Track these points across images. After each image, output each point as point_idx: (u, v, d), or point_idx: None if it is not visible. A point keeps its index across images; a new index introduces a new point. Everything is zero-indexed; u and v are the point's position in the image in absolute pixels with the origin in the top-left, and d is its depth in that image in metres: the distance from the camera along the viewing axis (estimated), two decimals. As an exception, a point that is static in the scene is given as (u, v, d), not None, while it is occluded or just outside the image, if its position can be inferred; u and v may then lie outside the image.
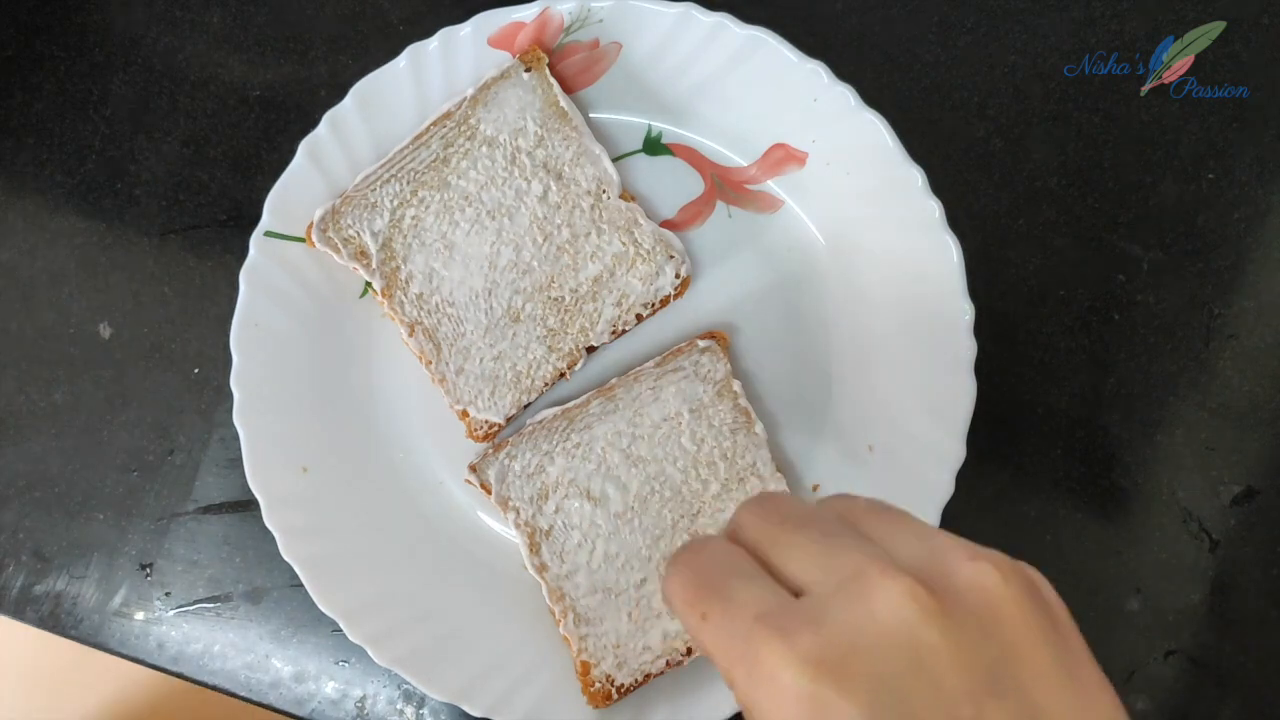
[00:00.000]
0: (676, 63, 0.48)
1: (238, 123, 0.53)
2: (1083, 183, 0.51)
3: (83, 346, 0.52)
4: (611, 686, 0.45)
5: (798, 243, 0.49)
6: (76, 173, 0.53)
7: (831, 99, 0.46)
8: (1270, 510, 0.49)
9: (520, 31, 0.47)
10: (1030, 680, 0.23)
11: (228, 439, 0.51)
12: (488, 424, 0.47)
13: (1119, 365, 0.50)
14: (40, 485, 0.51)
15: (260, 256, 0.46)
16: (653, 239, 0.48)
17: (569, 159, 0.48)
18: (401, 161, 0.47)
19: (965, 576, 0.24)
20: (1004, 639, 0.23)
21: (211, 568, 0.50)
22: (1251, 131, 0.51)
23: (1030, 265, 0.51)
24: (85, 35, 0.54)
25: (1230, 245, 0.51)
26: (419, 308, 0.47)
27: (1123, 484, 0.50)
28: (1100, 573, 0.49)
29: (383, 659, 0.44)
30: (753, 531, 0.27)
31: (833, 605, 0.23)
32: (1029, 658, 0.23)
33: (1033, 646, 0.23)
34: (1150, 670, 0.49)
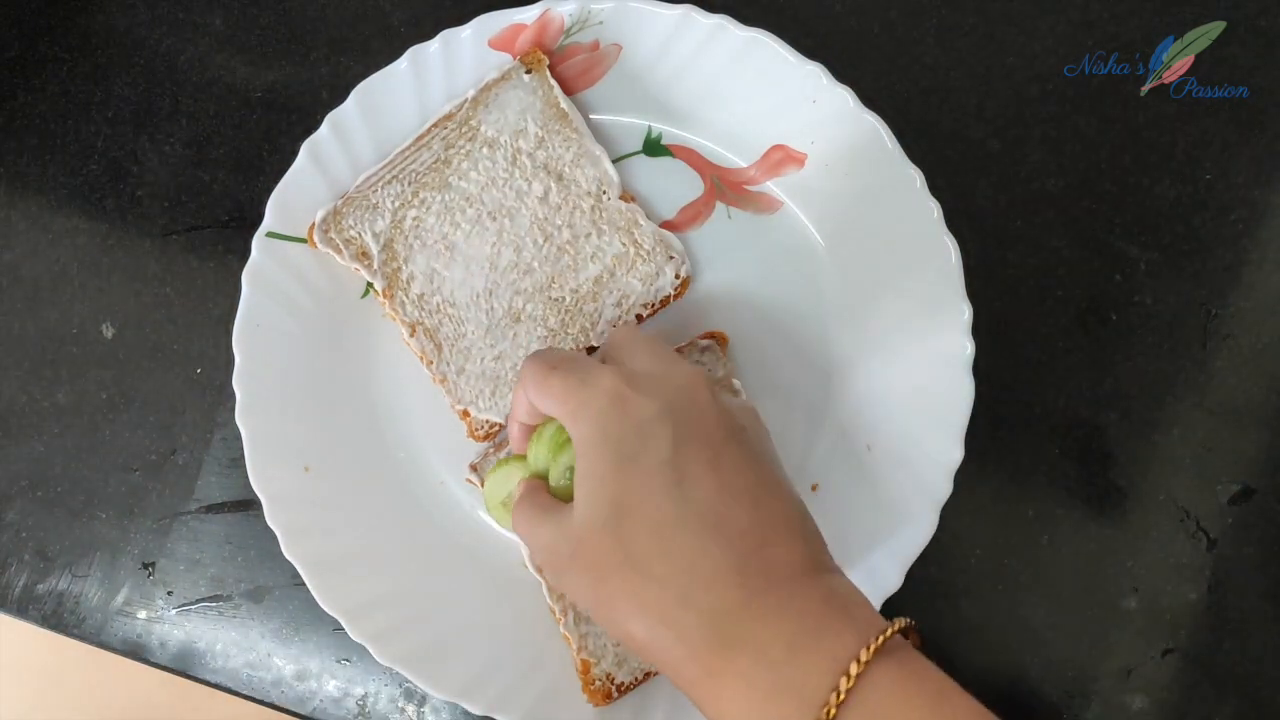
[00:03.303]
0: (677, 64, 0.48)
1: (240, 124, 0.53)
2: (1080, 183, 0.51)
3: (85, 346, 0.52)
4: (612, 685, 0.45)
5: (797, 243, 0.49)
6: (79, 173, 0.53)
7: (831, 100, 0.46)
8: (1267, 509, 0.49)
9: (521, 33, 0.48)
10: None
11: (230, 439, 0.51)
12: (488, 424, 0.47)
13: (1116, 365, 0.50)
14: (43, 485, 0.52)
15: (262, 257, 0.46)
16: (653, 240, 0.48)
17: (569, 160, 0.48)
18: (403, 163, 0.47)
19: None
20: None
21: (213, 567, 0.51)
22: (1249, 132, 0.52)
23: (1028, 266, 0.51)
24: (88, 37, 0.54)
25: (1228, 246, 0.51)
26: (420, 308, 0.47)
27: (1120, 483, 0.50)
28: (1097, 572, 0.49)
29: (384, 657, 0.44)
30: (614, 338, 0.40)
31: (650, 369, 0.36)
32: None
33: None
34: (1148, 669, 0.49)
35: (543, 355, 0.38)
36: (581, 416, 0.35)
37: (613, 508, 0.33)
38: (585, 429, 0.34)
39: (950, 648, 0.49)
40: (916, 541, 0.46)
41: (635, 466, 0.33)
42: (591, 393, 0.35)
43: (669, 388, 0.35)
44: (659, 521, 0.33)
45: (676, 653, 0.32)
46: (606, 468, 0.34)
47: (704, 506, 0.33)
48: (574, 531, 0.34)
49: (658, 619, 0.32)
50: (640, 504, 0.33)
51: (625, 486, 0.33)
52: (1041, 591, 0.49)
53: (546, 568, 0.38)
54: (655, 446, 0.33)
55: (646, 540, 0.33)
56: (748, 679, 0.31)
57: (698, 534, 0.32)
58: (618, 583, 0.33)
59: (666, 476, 0.33)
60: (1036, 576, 0.49)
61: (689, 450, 0.34)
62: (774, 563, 0.33)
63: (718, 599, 0.32)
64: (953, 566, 0.49)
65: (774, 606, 0.32)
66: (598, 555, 0.33)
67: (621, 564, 0.33)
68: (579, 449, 0.35)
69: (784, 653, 0.31)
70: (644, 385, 0.35)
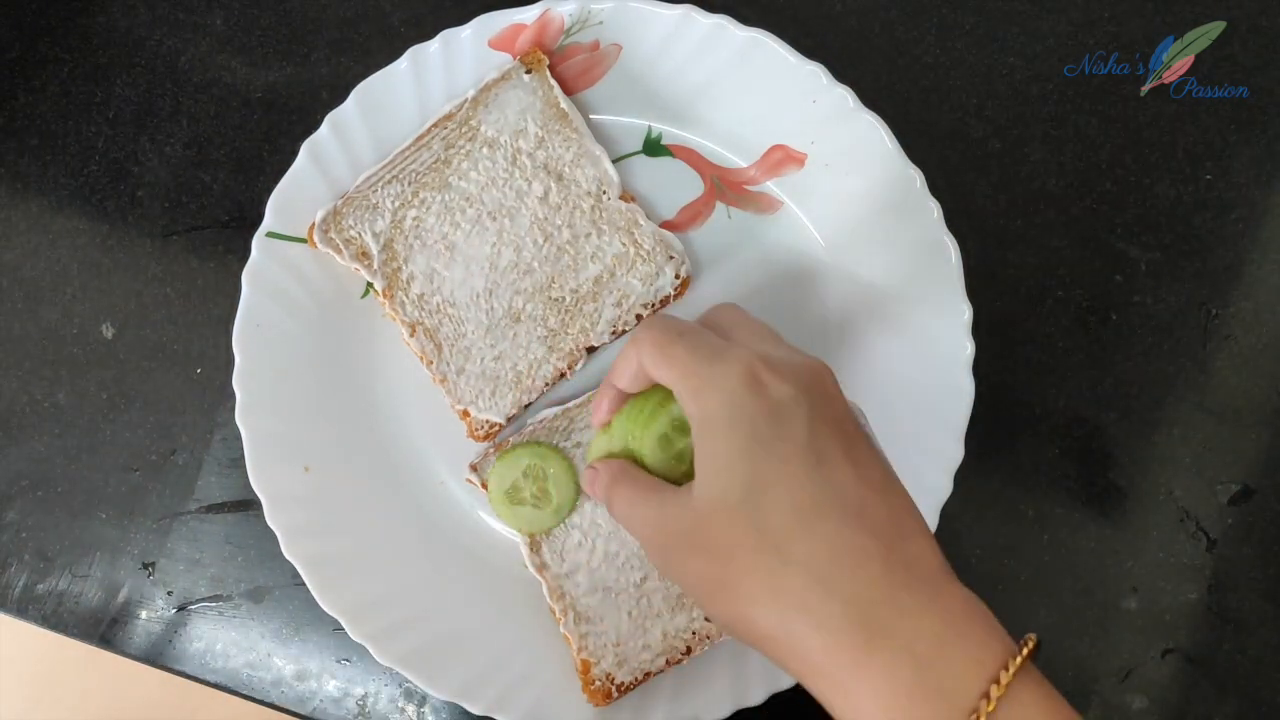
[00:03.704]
0: (676, 64, 0.48)
1: (240, 124, 0.53)
2: (1081, 183, 0.51)
3: (85, 347, 0.52)
4: (612, 685, 0.45)
5: (797, 243, 0.49)
6: (80, 174, 0.53)
7: (830, 100, 0.47)
8: (1267, 509, 0.49)
9: (521, 33, 0.48)
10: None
11: (230, 439, 0.51)
12: (488, 424, 0.47)
13: (1116, 365, 0.50)
14: (43, 485, 0.52)
15: (262, 257, 0.46)
16: (653, 240, 0.48)
17: (569, 160, 0.48)
18: (403, 163, 0.47)
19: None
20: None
21: (213, 567, 0.51)
22: (1249, 132, 0.52)
23: (1028, 265, 0.51)
24: (89, 37, 0.54)
25: (1228, 246, 0.51)
26: (420, 308, 0.47)
27: (1120, 483, 0.50)
28: (1097, 572, 0.49)
29: (384, 658, 0.44)
30: (724, 317, 0.39)
31: (780, 354, 0.35)
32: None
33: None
34: (1147, 669, 0.49)
35: (665, 322, 0.37)
36: (708, 393, 0.33)
37: (746, 488, 0.32)
38: (714, 406, 0.33)
39: (950, 648, 0.49)
40: (916, 541, 0.46)
41: (772, 448, 0.32)
42: (724, 369, 0.33)
43: (802, 372, 0.34)
44: (798, 504, 0.31)
45: (813, 641, 0.31)
46: (739, 447, 0.32)
47: (844, 492, 0.32)
48: (695, 510, 0.33)
49: (795, 605, 0.31)
50: (777, 485, 0.32)
51: (761, 467, 0.32)
52: (1041, 591, 0.49)
53: (650, 546, 0.36)
54: (793, 429, 0.32)
55: (786, 521, 0.31)
56: (891, 674, 0.30)
57: (840, 519, 0.31)
58: (747, 565, 0.31)
59: (806, 459, 0.32)
60: (1036, 576, 0.49)
61: (824, 436, 0.33)
62: (915, 557, 0.31)
63: (863, 587, 0.30)
64: (953, 566, 0.49)
65: (920, 602, 0.30)
66: (725, 536, 0.32)
67: (755, 546, 0.31)
68: (703, 426, 0.33)
69: (932, 651, 0.30)
70: (778, 367, 0.34)
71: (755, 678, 0.45)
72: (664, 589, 0.46)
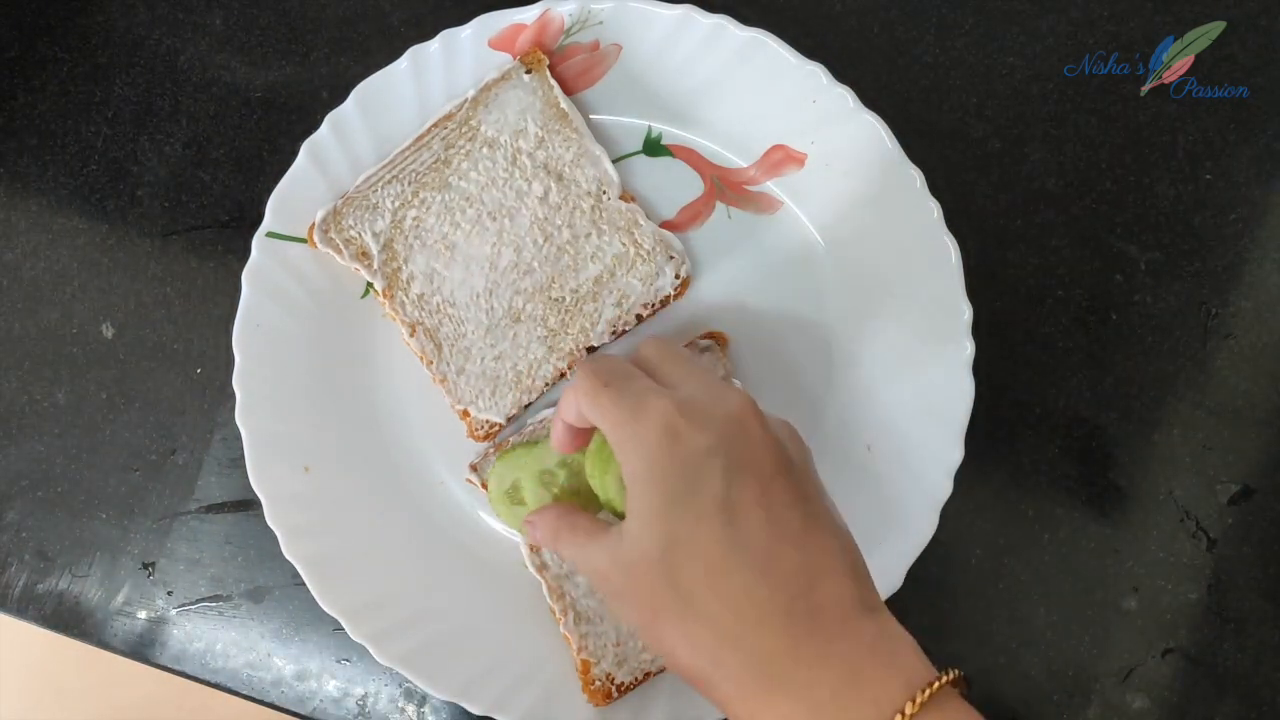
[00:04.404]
0: (677, 64, 0.48)
1: (240, 124, 0.53)
2: (1080, 183, 0.51)
3: (85, 346, 0.52)
4: (611, 685, 0.45)
5: (797, 243, 0.49)
6: (79, 174, 0.53)
7: (830, 100, 0.47)
8: (1267, 509, 0.49)
9: (521, 33, 0.48)
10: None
11: (230, 439, 0.51)
12: (488, 424, 0.47)
13: (1116, 365, 0.50)
14: (43, 484, 0.52)
15: (262, 257, 0.46)
16: (653, 240, 0.48)
17: (569, 160, 0.48)
18: (403, 163, 0.47)
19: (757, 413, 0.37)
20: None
21: (213, 567, 0.51)
22: (1249, 132, 0.52)
23: (1028, 265, 0.51)
24: (88, 37, 0.54)
25: (1227, 245, 0.51)
26: (420, 308, 0.47)
27: (1120, 483, 0.50)
28: (1097, 571, 0.49)
29: (384, 657, 0.45)
30: (651, 355, 0.39)
31: (700, 397, 0.35)
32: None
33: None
34: (1148, 669, 0.49)
35: (596, 366, 0.38)
36: (631, 449, 0.35)
37: (663, 545, 0.33)
38: (636, 463, 0.34)
39: (950, 648, 0.49)
40: (916, 541, 0.46)
41: (686, 505, 0.33)
42: (643, 425, 0.34)
43: (720, 418, 0.35)
44: (709, 562, 0.33)
45: (724, 691, 0.33)
46: (657, 504, 0.34)
47: (754, 547, 0.33)
48: (625, 563, 0.35)
49: (707, 658, 0.33)
50: (690, 542, 0.33)
51: (676, 525, 0.33)
52: (1041, 591, 0.49)
53: (599, 591, 0.38)
54: (707, 484, 0.33)
55: (697, 579, 0.33)
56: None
57: (747, 575, 0.32)
58: (668, 618, 0.33)
59: (717, 516, 0.33)
60: (1036, 576, 0.49)
61: (739, 486, 0.33)
62: (822, 604, 0.33)
63: (764, 642, 0.32)
64: (953, 566, 0.49)
65: (820, 650, 0.32)
66: (649, 590, 0.34)
67: (672, 601, 0.33)
68: (628, 480, 0.35)
69: (829, 697, 0.31)
70: (695, 416, 0.34)
71: (755, 678, 0.45)
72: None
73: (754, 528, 0.33)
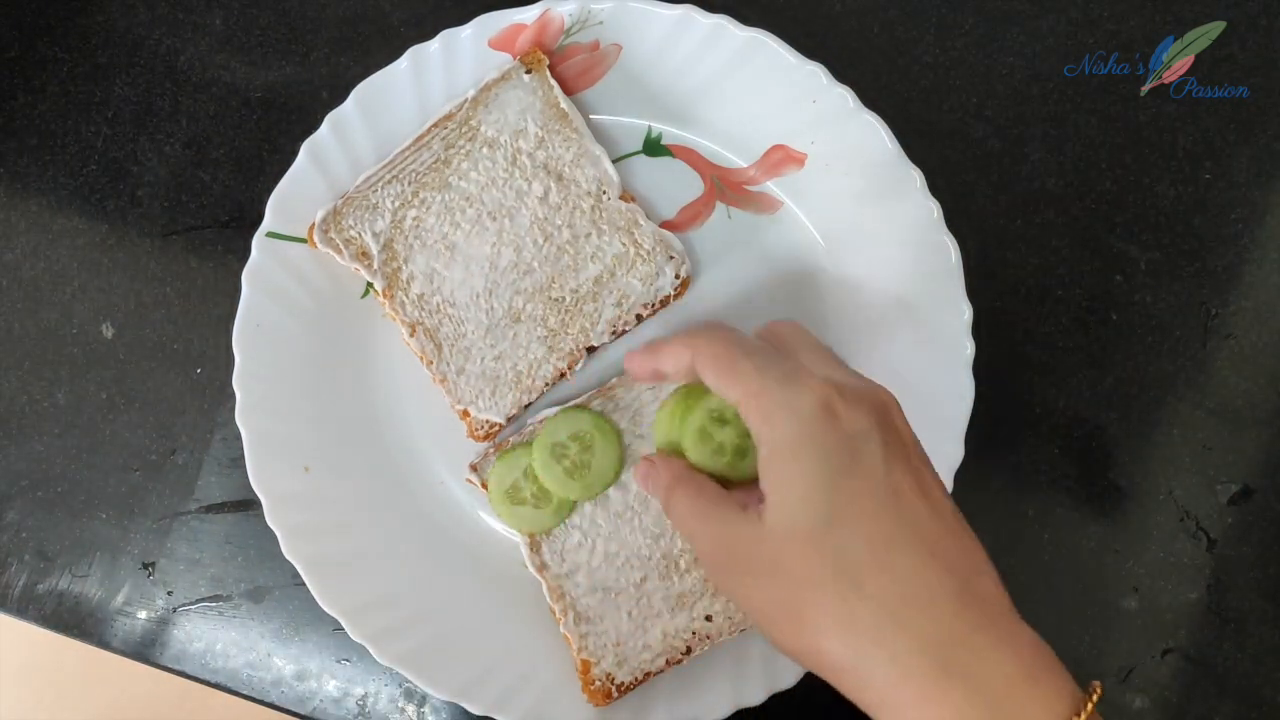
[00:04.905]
0: (677, 64, 0.48)
1: (240, 124, 0.53)
2: (1080, 183, 0.51)
3: (85, 346, 0.52)
4: (612, 685, 0.45)
5: (797, 243, 0.49)
6: (79, 174, 0.53)
7: (830, 100, 0.46)
8: (1267, 509, 0.49)
9: (521, 33, 0.48)
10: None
11: (230, 439, 0.51)
12: (488, 424, 0.47)
13: (1116, 365, 0.50)
14: (43, 484, 0.52)
15: (262, 257, 0.46)
16: (653, 240, 0.48)
17: (569, 160, 0.48)
18: (403, 163, 0.47)
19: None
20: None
21: (213, 567, 0.51)
22: (1248, 132, 0.52)
23: (1028, 265, 0.51)
24: (88, 37, 0.54)
25: (1227, 245, 0.51)
26: (420, 308, 0.47)
27: (1120, 483, 0.50)
28: (1098, 571, 0.49)
29: (384, 657, 0.44)
30: (789, 335, 0.38)
31: (851, 381, 0.35)
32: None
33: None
34: (1148, 669, 0.49)
35: (728, 335, 0.37)
36: (782, 418, 0.33)
37: (822, 519, 0.32)
38: (788, 432, 0.33)
39: (950, 647, 0.49)
40: (916, 541, 0.46)
41: (848, 481, 0.32)
42: (797, 394, 0.33)
43: (874, 404, 0.34)
44: (874, 538, 0.32)
45: (884, 674, 0.31)
46: (815, 477, 0.32)
47: (920, 529, 0.32)
48: (767, 536, 0.33)
49: (868, 638, 0.31)
50: (854, 518, 0.32)
51: (838, 499, 0.32)
52: (1041, 591, 0.49)
53: (710, 561, 0.36)
54: (868, 463, 0.32)
55: (860, 555, 0.32)
56: (959, 711, 0.30)
57: (915, 557, 0.32)
58: (819, 595, 0.32)
59: (882, 494, 0.32)
60: (1036, 576, 0.49)
61: (898, 471, 0.33)
62: (986, 596, 0.32)
63: (938, 625, 0.31)
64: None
65: (993, 643, 0.31)
66: (797, 564, 0.32)
67: (831, 577, 0.32)
68: (776, 451, 0.33)
69: (1004, 693, 0.30)
70: (850, 397, 0.34)
71: (755, 678, 0.45)
72: (664, 589, 0.46)
73: (919, 512, 0.32)
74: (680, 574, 0.46)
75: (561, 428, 0.46)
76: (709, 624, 0.46)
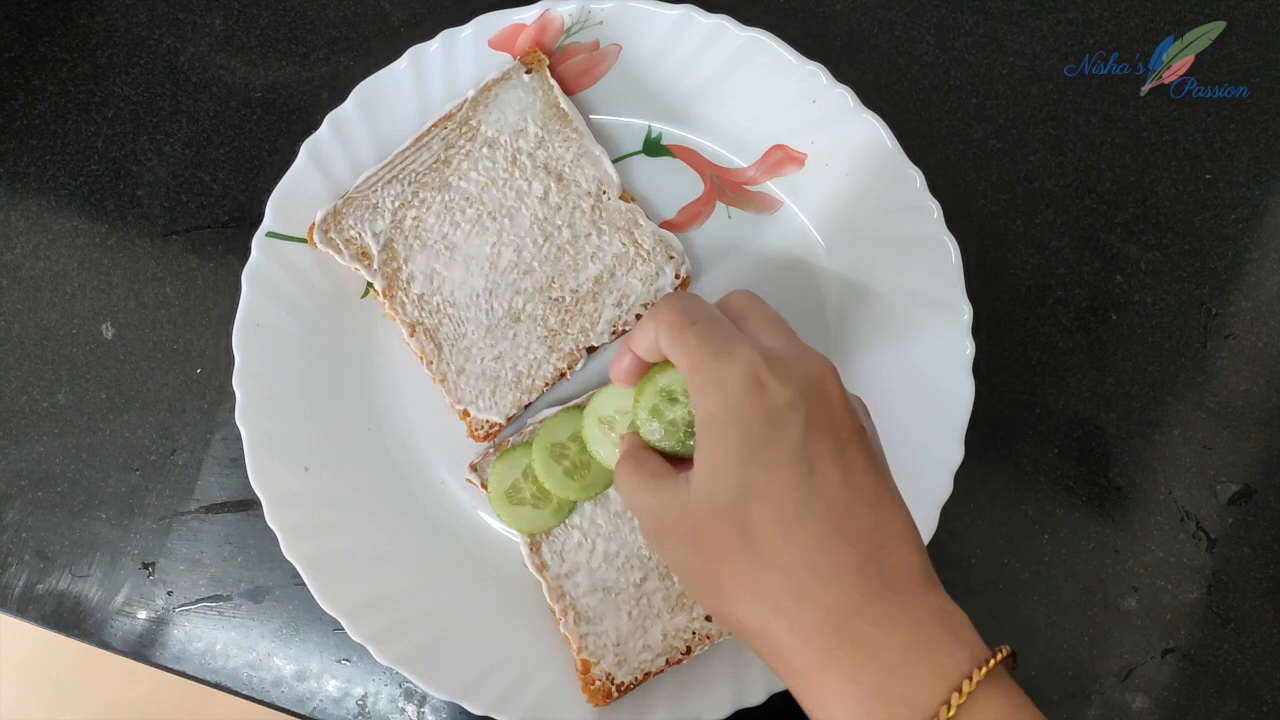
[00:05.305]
0: (676, 64, 0.48)
1: (240, 124, 0.53)
2: (1080, 183, 0.51)
3: (85, 347, 0.52)
4: (612, 685, 0.45)
5: (797, 243, 0.49)
6: (79, 174, 0.53)
7: (830, 100, 0.47)
8: (1267, 509, 0.49)
9: (521, 33, 0.48)
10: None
11: (230, 439, 0.51)
12: (488, 424, 0.47)
13: (1116, 365, 0.50)
14: (43, 485, 0.52)
15: (262, 257, 0.46)
16: (653, 240, 0.48)
17: (569, 160, 0.48)
18: (403, 163, 0.47)
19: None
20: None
21: (213, 567, 0.51)
22: (1248, 132, 0.52)
23: (1028, 265, 0.51)
24: (88, 37, 0.54)
25: (1227, 245, 0.51)
26: (420, 308, 0.47)
27: (1120, 483, 0.50)
28: (1098, 571, 0.49)
29: (384, 657, 0.44)
30: (739, 305, 0.38)
31: (786, 351, 0.35)
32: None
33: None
34: (1148, 669, 0.49)
35: (682, 303, 0.37)
36: (712, 392, 0.34)
37: (737, 491, 0.33)
38: (715, 406, 0.34)
39: (950, 648, 0.49)
40: (916, 541, 0.46)
41: (764, 453, 0.33)
42: (727, 367, 0.34)
43: (802, 374, 0.34)
44: (784, 511, 0.32)
45: (785, 641, 0.32)
46: (733, 450, 0.33)
47: (830, 501, 0.33)
48: (690, 507, 0.34)
49: (772, 607, 0.32)
50: (766, 491, 0.33)
51: (753, 472, 0.33)
52: (1041, 591, 0.49)
53: (650, 534, 0.37)
54: (787, 435, 0.33)
55: (769, 528, 0.32)
56: (856, 678, 0.31)
57: (821, 528, 0.32)
58: (732, 566, 0.33)
59: (796, 468, 0.33)
60: (1036, 576, 0.49)
61: (817, 442, 0.33)
62: (892, 568, 0.32)
63: (836, 596, 0.32)
64: (953, 566, 0.49)
65: (890, 612, 0.32)
66: (712, 534, 0.33)
67: (740, 547, 0.33)
68: (704, 423, 0.34)
69: (897, 659, 0.31)
70: (780, 368, 0.34)
71: (755, 678, 0.45)
72: (664, 589, 0.46)
73: (830, 484, 0.33)
74: (680, 574, 0.46)
75: (561, 428, 0.46)
76: (709, 624, 0.46)
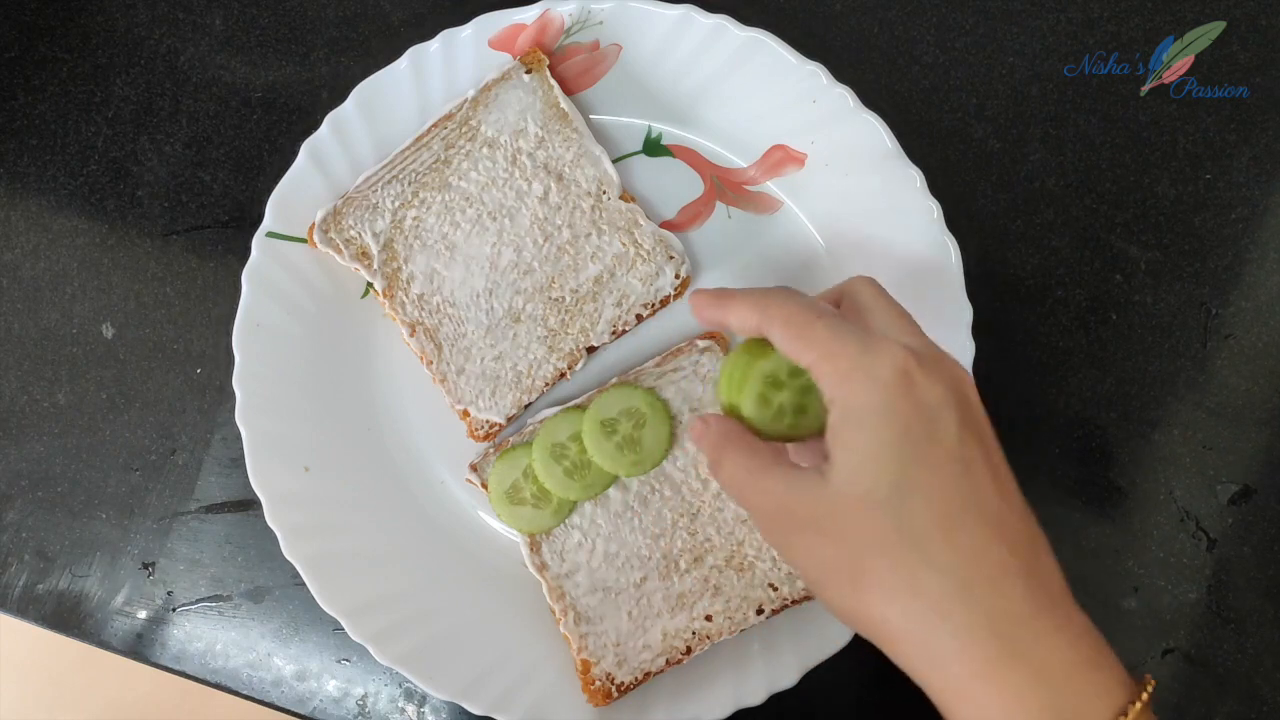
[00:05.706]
0: (677, 64, 0.48)
1: (240, 124, 0.53)
2: (1081, 183, 0.51)
3: (85, 347, 0.52)
4: (612, 685, 0.45)
5: (797, 243, 0.49)
6: (79, 174, 0.53)
7: (830, 100, 0.47)
8: (1267, 509, 0.49)
9: (521, 33, 0.48)
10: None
11: (230, 439, 0.51)
12: (488, 424, 0.47)
13: (1117, 365, 0.50)
14: (43, 485, 0.52)
15: (262, 257, 0.46)
16: (653, 240, 0.48)
17: (569, 160, 0.48)
18: (403, 163, 0.47)
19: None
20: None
21: (213, 567, 0.51)
22: (1248, 132, 0.52)
23: (1028, 266, 0.51)
24: (88, 37, 0.54)
25: (1227, 245, 0.51)
26: (420, 308, 0.47)
27: (1120, 483, 0.50)
28: (1098, 571, 0.49)
29: (384, 657, 0.44)
30: (869, 296, 0.37)
31: (929, 350, 0.35)
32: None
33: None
34: (1148, 669, 0.49)
35: (801, 299, 0.36)
36: (858, 382, 0.33)
37: (893, 486, 0.32)
38: (864, 397, 0.32)
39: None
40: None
41: (922, 450, 0.32)
42: (875, 360, 0.33)
43: (949, 374, 0.34)
44: (944, 509, 0.31)
45: (944, 646, 0.31)
46: (889, 444, 0.32)
47: (985, 504, 0.32)
48: (832, 498, 0.32)
49: (931, 607, 0.31)
50: (925, 487, 0.31)
51: (910, 468, 0.32)
52: (1041, 591, 0.49)
53: (765, 520, 0.35)
54: (942, 433, 0.32)
55: (929, 525, 0.31)
56: (1021, 694, 0.30)
57: (983, 531, 0.31)
58: (882, 561, 0.31)
59: (954, 466, 0.32)
60: (1036, 576, 0.49)
61: (970, 444, 0.33)
62: (1046, 579, 0.32)
63: (1004, 602, 0.31)
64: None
65: (1056, 625, 0.31)
66: (863, 529, 0.32)
67: (897, 544, 0.31)
68: (848, 414, 0.33)
69: (1062, 676, 0.30)
70: (927, 365, 0.33)
71: (755, 678, 0.45)
72: (664, 589, 0.46)
73: (985, 487, 0.32)
74: (680, 574, 0.46)
75: (561, 428, 0.46)
76: (709, 624, 0.46)
